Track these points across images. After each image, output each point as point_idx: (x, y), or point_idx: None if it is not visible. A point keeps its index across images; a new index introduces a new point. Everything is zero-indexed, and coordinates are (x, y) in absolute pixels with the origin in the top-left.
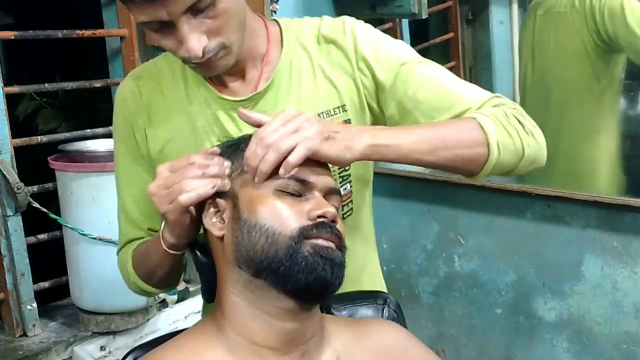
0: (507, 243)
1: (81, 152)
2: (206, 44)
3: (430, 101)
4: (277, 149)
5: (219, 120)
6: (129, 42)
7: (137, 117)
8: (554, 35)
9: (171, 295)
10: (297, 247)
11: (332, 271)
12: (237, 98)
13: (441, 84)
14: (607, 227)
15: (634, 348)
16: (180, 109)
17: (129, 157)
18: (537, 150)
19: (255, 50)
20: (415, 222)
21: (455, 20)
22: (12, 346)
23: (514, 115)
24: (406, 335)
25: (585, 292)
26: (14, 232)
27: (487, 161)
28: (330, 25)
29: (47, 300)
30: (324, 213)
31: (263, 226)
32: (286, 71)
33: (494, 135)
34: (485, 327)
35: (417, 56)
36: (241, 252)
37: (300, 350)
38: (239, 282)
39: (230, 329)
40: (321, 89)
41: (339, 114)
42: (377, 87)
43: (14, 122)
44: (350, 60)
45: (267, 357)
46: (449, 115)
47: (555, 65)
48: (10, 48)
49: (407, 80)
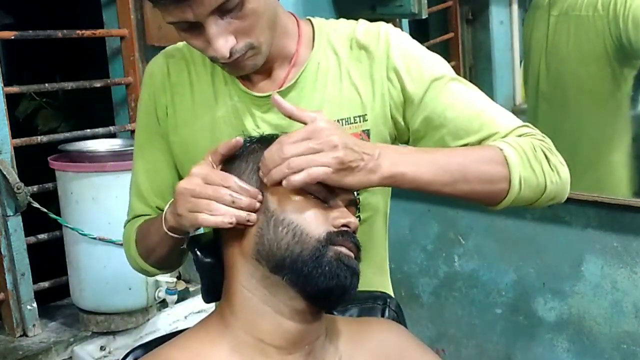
0: (507, 243)
1: (81, 152)
2: (234, 44)
3: (458, 121)
4: (289, 165)
5: (238, 113)
6: (129, 42)
7: (162, 94)
8: (574, 38)
9: (171, 295)
10: (323, 251)
11: (351, 280)
12: (259, 94)
13: (472, 104)
14: (607, 227)
15: (634, 348)
16: (204, 96)
17: (148, 134)
18: (559, 187)
19: (284, 49)
20: (415, 222)
21: (455, 20)
22: (12, 346)
23: (542, 148)
24: (407, 335)
25: (585, 292)
26: (14, 232)
27: (506, 197)
28: (365, 31)
29: (47, 300)
30: (348, 223)
31: (291, 223)
32: (312, 73)
33: (517, 171)
34: (485, 327)
35: (451, 72)
36: (264, 245)
37: (306, 351)
38: (255, 276)
39: (238, 326)
40: (345, 95)
41: (358, 123)
42: (405, 100)
43: (14, 122)
44: (381, 69)
45: (273, 356)
46: (476, 138)
47: (573, 69)
48: (10, 48)
49: (437, 97)
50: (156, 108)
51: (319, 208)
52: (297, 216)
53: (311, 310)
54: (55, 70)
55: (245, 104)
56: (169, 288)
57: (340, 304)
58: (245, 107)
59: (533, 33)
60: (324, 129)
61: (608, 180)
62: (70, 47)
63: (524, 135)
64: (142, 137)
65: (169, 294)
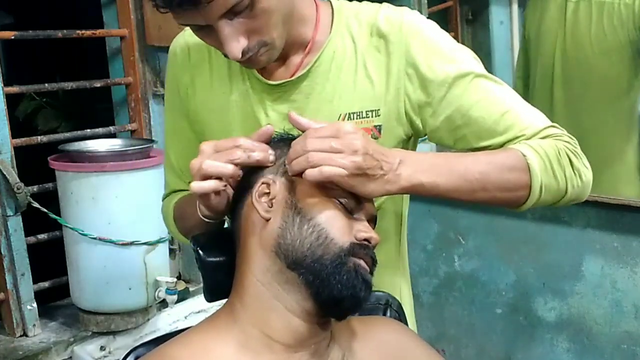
0: (507, 243)
1: (81, 152)
2: (246, 44)
3: (483, 121)
4: (308, 159)
5: (250, 98)
6: (129, 42)
7: (183, 74)
8: (596, 26)
9: (171, 296)
10: (344, 260)
11: (364, 293)
12: (271, 82)
13: (498, 103)
14: (607, 227)
15: (634, 348)
16: (221, 78)
17: (174, 112)
18: (580, 190)
19: (300, 37)
20: (415, 222)
21: (455, 20)
22: (12, 346)
23: (567, 151)
24: (409, 333)
25: (585, 292)
26: (14, 232)
27: (525, 202)
28: (387, 18)
29: (47, 300)
30: (369, 238)
31: (318, 225)
32: (327, 62)
33: (538, 178)
34: (485, 327)
35: (478, 67)
36: (285, 239)
37: (312, 349)
38: (271, 270)
39: (247, 320)
40: (359, 87)
41: (370, 117)
42: (423, 97)
43: (14, 122)
44: (399, 63)
45: (279, 352)
46: (500, 140)
47: (595, 58)
48: (10, 48)
49: (461, 95)
50: (179, 88)
51: (345, 217)
52: (325, 220)
53: (319, 313)
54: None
55: (256, 90)
56: (169, 288)
57: (349, 314)
58: (256, 94)
59: (544, 19)
60: (349, 132)
61: (621, 172)
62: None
63: (550, 137)
64: (169, 115)
65: (169, 294)
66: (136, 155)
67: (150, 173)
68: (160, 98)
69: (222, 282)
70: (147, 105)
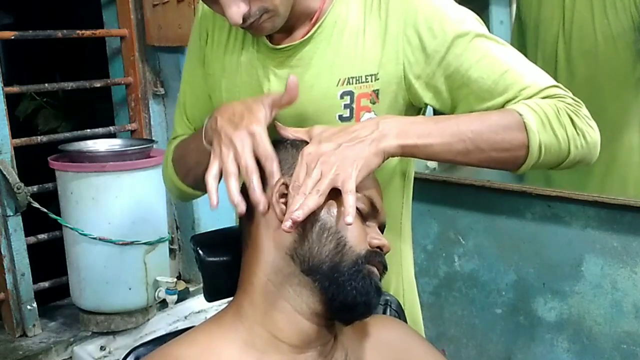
0: (507, 243)
1: (81, 152)
2: (246, 10)
3: (482, 81)
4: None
5: (256, 62)
6: (129, 42)
7: (208, 22)
8: (599, 14)
9: (171, 296)
10: (360, 267)
11: (376, 300)
12: (273, 46)
13: (498, 62)
14: (607, 227)
15: (634, 348)
16: (237, 37)
17: (193, 59)
18: (586, 151)
19: (308, 9)
20: (415, 222)
21: None
22: (12, 346)
23: (567, 110)
24: (411, 332)
25: (585, 292)
26: (14, 232)
27: (524, 163)
28: None
29: (47, 300)
30: (382, 245)
31: (337, 232)
32: (329, 28)
33: (536, 137)
34: (485, 327)
35: (479, 27)
36: (303, 245)
37: (318, 350)
38: (284, 272)
39: (254, 319)
40: (359, 53)
41: (370, 82)
42: (422, 58)
43: (14, 122)
44: (398, 25)
45: (285, 352)
46: (501, 100)
47: (600, 46)
48: (10, 48)
49: (461, 55)
50: (200, 34)
51: (361, 224)
52: (343, 227)
53: (328, 317)
54: (55, 70)
55: (262, 54)
56: (169, 288)
57: (359, 320)
58: (261, 58)
59: (542, 10)
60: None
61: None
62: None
63: (551, 97)
64: (188, 61)
65: (169, 294)
66: (136, 155)
67: (150, 173)
68: (160, 98)
69: (222, 282)
70: (147, 105)
